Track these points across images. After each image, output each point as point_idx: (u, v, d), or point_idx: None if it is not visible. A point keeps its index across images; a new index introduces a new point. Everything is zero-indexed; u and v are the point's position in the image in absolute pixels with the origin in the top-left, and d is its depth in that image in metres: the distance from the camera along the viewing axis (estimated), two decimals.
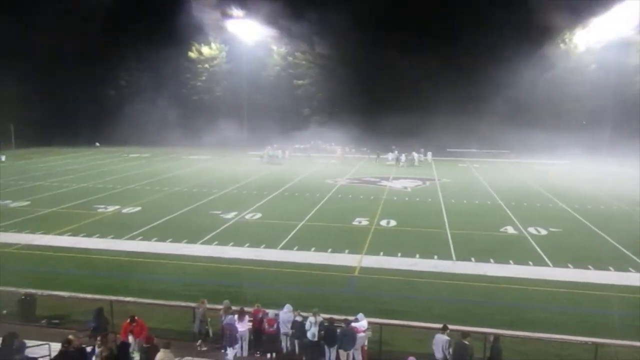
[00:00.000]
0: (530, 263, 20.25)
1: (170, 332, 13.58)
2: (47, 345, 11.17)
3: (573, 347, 12.83)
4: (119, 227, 25.28)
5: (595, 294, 16.96)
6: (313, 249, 21.92)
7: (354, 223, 27.15)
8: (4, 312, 14.74)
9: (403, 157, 54.46)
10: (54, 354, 10.18)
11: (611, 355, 12.50)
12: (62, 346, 8.39)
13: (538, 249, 22.15)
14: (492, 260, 20.47)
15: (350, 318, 12.78)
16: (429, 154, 57.14)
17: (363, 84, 65.58)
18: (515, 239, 24.10)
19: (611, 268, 19.58)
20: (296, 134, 62.62)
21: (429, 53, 61.50)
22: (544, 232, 25.36)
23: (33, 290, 15.31)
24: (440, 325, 12.07)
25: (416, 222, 27.47)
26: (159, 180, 41.36)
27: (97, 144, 70.62)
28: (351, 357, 12.26)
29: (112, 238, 23.32)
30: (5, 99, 60.78)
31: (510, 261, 20.37)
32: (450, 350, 11.39)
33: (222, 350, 12.85)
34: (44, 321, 14.53)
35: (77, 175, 43.17)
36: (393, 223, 27.17)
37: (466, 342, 11.31)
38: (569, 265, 19.88)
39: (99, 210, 29.60)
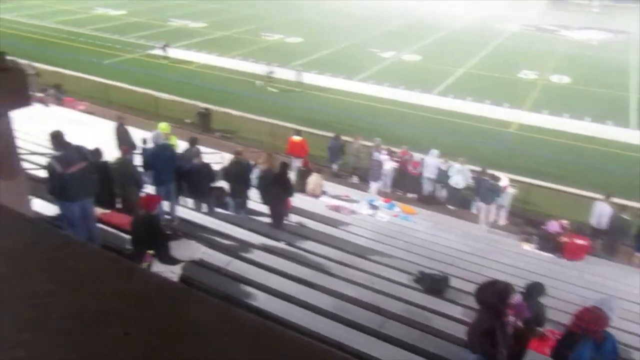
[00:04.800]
0: None
1: (322, 159, 14.71)
2: (220, 154, 12.96)
3: None
4: (282, 55, 26.43)
5: None
6: (469, 98, 20.96)
7: (519, 75, 24.93)
8: (187, 121, 17.14)
9: None
10: (226, 162, 11.85)
11: None
12: (234, 156, 9.65)
13: None
14: None
15: (498, 173, 12.51)
16: None
17: None
18: None
19: None
20: None
21: None
22: None
23: (210, 105, 17.34)
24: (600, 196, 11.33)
25: (594, 81, 24.23)
26: (321, 10, 41.07)
27: None
28: (492, 211, 12.29)
29: (277, 66, 24.62)
30: None
31: None
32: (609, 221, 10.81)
33: (367, 184, 13.74)
34: (217, 133, 16.67)
35: (247, 1, 44.66)
36: (566, 80, 24.35)
37: (626, 217, 10.59)
38: None
39: (265, 37, 30.98)
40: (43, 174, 7.44)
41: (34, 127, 11.62)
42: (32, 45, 26.25)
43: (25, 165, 7.09)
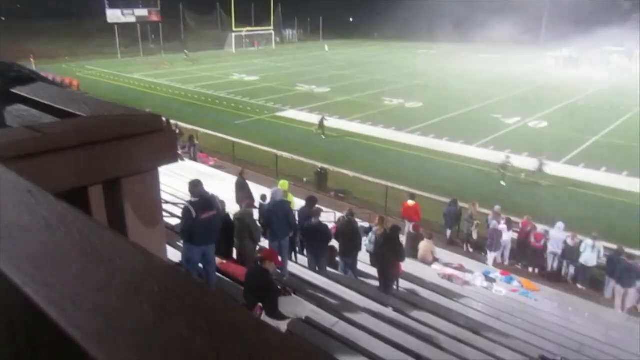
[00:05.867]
0: None
1: (435, 225, 14.33)
2: (333, 214, 13.23)
3: None
4: (401, 120, 26.79)
5: None
6: (604, 168, 19.28)
7: None
8: (305, 179, 17.84)
9: None
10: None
11: None
12: (346, 216, 9.80)
13: None
14: None
15: (638, 253, 11.18)
16: None
17: None
18: None
19: None
20: (605, 33, 52.39)
21: None
22: None
23: (326, 165, 17.95)
24: None
25: None
26: (444, 77, 41.36)
27: (376, 34, 74.15)
28: (631, 295, 10.90)
29: (394, 130, 24.98)
30: None
31: None
32: None
33: (483, 254, 13.04)
34: (332, 193, 17.08)
35: (371, 68, 46.55)
36: None
37: None
38: None
39: (386, 102, 31.75)
40: (170, 221, 8.20)
41: (169, 179, 12.88)
42: (177, 106, 29.63)
43: None
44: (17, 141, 1.54)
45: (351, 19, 76.83)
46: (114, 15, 50.36)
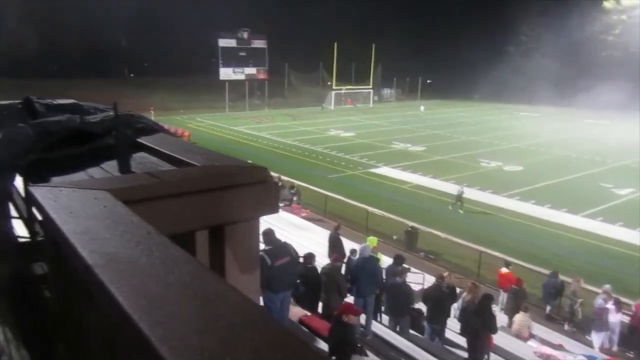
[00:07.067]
0: None
1: (533, 297, 13.32)
2: (422, 275, 12.80)
3: None
4: (498, 183, 25.80)
5: None
6: None
7: None
8: (394, 237, 17.56)
9: None
10: (426, 284, 11.64)
11: None
12: (436, 280, 9.45)
13: None
14: None
15: None
16: None
17: None
18: None
19: None
20: None
21: None
22: None
23: (417, 225, 17.58)
24: None
25: None
26: (546, 141, 39.53)
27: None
28: None
29: (491, 193, 24.06)
30: (415, 54, 69.56)
31: None
32: None
33: (587, 336, 11.82)
34: (422, 253, 16.61)
35: (468, 128, 45.78)
36: None
37: None
38: None
39: (482, 164, 30.84)
40: None
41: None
42: (275, 158, 31.00)
43: None
44: (139, 186, 1.72)
45: (429, 81, 76.55)
46: (225, 73, 54.62)
